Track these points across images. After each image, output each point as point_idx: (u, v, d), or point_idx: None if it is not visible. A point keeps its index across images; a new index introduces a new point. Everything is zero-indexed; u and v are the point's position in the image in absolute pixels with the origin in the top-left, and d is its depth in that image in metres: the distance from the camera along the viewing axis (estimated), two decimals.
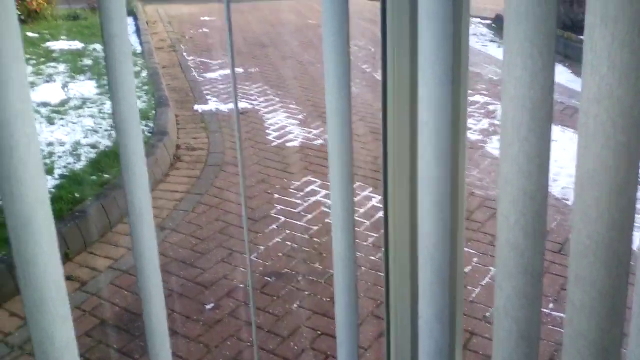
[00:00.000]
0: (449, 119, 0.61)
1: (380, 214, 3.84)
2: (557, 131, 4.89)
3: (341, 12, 0.69)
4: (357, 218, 3.74)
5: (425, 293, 0.66)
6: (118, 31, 0.69)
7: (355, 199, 3.98)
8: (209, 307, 2.95)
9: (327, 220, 3.73)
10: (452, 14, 0.59)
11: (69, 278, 3.19)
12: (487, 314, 2.85)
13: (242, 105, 5.77)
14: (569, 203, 3.77)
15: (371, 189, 4.15)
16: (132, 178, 0.70)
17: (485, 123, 5.26)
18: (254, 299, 2.95)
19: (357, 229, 3.62)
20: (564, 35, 7.38)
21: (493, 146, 4.71)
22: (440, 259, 0.64)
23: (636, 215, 0.68)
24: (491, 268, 3.11)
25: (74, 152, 4.29)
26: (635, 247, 2.75)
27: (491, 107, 5.65)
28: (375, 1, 11.22)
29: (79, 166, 4.07)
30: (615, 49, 0.58)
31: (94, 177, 3.91)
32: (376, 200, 4.01)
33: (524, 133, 0.57)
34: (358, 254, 3.37)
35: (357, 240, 3.50)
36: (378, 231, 3.64)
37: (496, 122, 5.20)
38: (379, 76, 6.73)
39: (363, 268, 3.24)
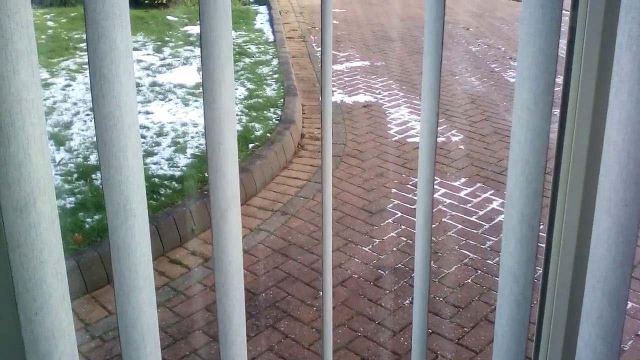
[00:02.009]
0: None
1: (499, 217, 3.76)
2: None
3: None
4: (475, 220, 3.69)
5: (591, 312, 0.66)
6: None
7: (475, 200, 3.92)
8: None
9: (444, 219, 3.71)
10: None
11: (193, 253, 3.38)
12: None
13: (366, 98, 5.81)
14: None
15: (492, 191, 4.06)
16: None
17: None
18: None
19: (474, 231, 3.57)
20: None
21: None
22: (613, 281, 0.64)
23: None
24: None
25: None
26: None
27: None
28: (516, 0, 10.89)
29: None
30: None
31: None
32: (497, 203, 3.93)
33: None
34: (474, 256, 3.33)
35: (473, 242, 3.45)
36: (497, 235, 3.57)
37: None
38: (507, 76, 6.55)
39: (479, 271, 3.20)
